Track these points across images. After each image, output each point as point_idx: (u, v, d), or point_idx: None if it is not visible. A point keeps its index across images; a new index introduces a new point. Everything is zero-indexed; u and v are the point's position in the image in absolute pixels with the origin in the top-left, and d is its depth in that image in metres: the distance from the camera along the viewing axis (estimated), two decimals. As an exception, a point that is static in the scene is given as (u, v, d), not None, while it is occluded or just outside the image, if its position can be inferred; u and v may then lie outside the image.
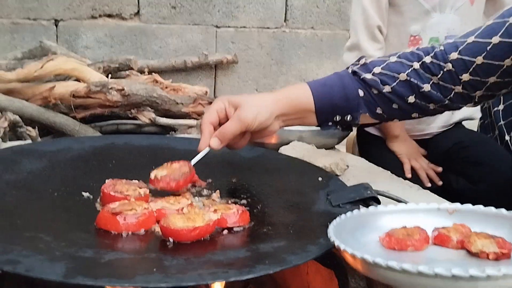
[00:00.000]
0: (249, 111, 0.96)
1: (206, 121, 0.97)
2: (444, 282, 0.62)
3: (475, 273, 0.60)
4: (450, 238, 0.78)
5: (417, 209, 0.85)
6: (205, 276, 0.62)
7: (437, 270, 0.61)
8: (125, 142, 1.23)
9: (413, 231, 0.80)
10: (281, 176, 1.07)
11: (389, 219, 0.83)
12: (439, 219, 0.83)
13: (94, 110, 1.86)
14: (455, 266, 0.66)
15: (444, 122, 1.74)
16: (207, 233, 0.76)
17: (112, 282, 0.59)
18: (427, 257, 0.76)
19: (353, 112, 1.04)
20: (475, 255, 0.74)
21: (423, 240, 0.78)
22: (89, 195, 0.93)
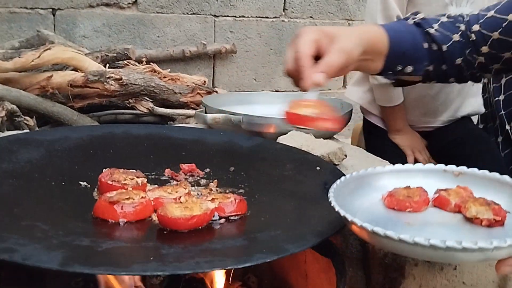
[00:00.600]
0: (350, 42, 0.87)
1: (306, 54, 0.83)
2: (423, 250, 0.64)
3: (451, 244, 0.62)
4: (449, 201, 0.80)
5: (423, 169, 0.87)
6: (202, 264, 0.62)
7: (417, 240, 0.62)
8: (123, 132, 1.22)
9: (414, 192, 0.81)
10: (279, 165, 1.07)
11: (394, 178, 0.86)
12: (444, 180, 0.85)
13: (92, 100, 1.85)
14: (448, 232, 0.71)
15: (450, 116, 1.74)
16: (204, 222, 0.76)
17: (109, 270, 0.59)
18: (422, 219, 0.78)
19: (417, 63, 1.01)
20: (470, 220, 0.76)
21: (422, 202, 0.80)
22: (87, 184, 0.93)
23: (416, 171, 0.87)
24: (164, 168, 1.03)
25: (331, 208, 0.84)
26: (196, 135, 1.23)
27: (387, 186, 0.84)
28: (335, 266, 0.77)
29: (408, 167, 0.88)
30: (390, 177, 0.86)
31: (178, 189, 0.87)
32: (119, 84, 1.80)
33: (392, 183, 0.85)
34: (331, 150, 1.17)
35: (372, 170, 0.85)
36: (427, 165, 0.88)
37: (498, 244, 0.62)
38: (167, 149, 1.15)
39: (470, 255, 0.63)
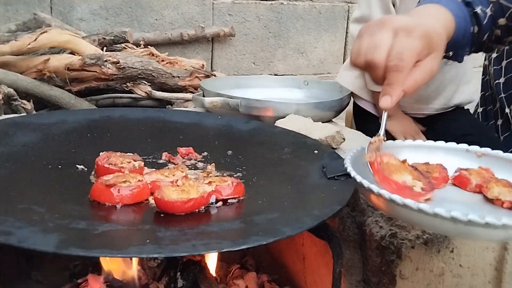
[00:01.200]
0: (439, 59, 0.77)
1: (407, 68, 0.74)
2: (442, 223, 0.61)
3: (474, 218, 0.59)
4: (469, 181, 0.78)
5: (445, 147, 0.86)
6: (198, 247, 0.62)
7: (437, 210, 0.60)
8: (120, 115, 1.22)
9: (434, 168, 0.80)
10: (276, 149, 1.07)
11: (413, 153, 0.84)
12: (465, 160, 0.84)
13: (90, 84, 1.84)
14: (467, 210, 0.67)
15: (443, 104, 1.73)
16: (201, 205, 0.76)
17: (105, 253, 0.59)
18: (440, 196, 0.76)
19: (461, 49, 0.96)
20: (491, 201, 0.74)
21: (441, 179, 0.78)
22: (84, 167, 0.92)
23: (437, 148, 0.86)
24: (162, 151, 1.03)
25: (329, 191, 0.84)
26: (194, 119, 1.22)
27: (409, 160, 0.81)
28: (332, 248, 0.77)
29: (429, 143, 0.86)
30: (410, 151, 0.84)
31: (175, 172, 0.87)
32: (117, 68, 1.79)
33: (412, 158, 0.82)
34: (329, 133, 1.17)
35: (391, 143, 0.83)
36: (449, 143, 0.86)
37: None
38: (164, 132, 1.15)
39: (491, 232, 0.60)
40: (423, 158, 0.83)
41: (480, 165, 0.82)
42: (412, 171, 0.75)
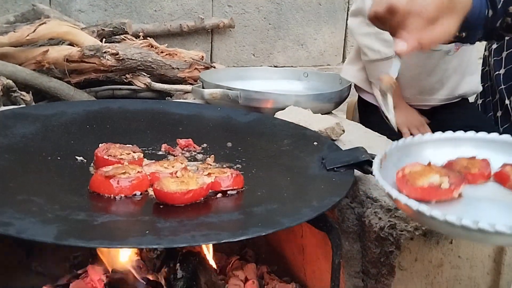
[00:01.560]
0: (456, 21, 0.80)
1: (426, 18, 0.76)
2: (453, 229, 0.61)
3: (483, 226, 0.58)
4: (509, 178, 0.76)
5: (497, 140, 0.83)
6: (197, 238, 0.62)
7: (448, 218, 0.59)
8: (119, 107, 1.22)
9: (476, 163, 0.77)
10: (276, 140, 1.07)
11: (469, 147, 0.82)
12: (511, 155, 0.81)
13: (89, 75, 1.84)
14: (494, 209, 0.66)
15: (448, 94, 1.72)
16: (200, 196, 0.76)
17: (104, 244, 0.59)
18: (475, 193, 0.74)
19: (473, 30, 0.94)
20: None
21: (479, 174, 0.76)
22: (83, 159, 0.92)
23: (489, 141, 0.83)
24: (161, 143, 1.03)
25: (328, 183, 0.84)
26: (193, 111, 1.22)
27: (443, 156, 0.80)
28: (331, 240, 0.77)
29: (481, 136, 0.83)
30: (465, 144, 0.82)
31: (175, 164, 0.87)
32: (116, 59, 1.78)
33: (464, 151, 0.80)
34: (329, 125, 1.16)
35: (442, 134, 0.81)
36: (502, 136, 0.83)
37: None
38: (164, 124, 1.15)
39: (504, 238, 0.60)
40: (471, 152, 0.81)
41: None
42: (439, 170, 0.73)
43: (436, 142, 0.83)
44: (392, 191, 0.66)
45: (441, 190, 0.69)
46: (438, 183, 0.70)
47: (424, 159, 0.79)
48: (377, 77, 1.68)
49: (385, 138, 1.29)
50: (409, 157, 0.78)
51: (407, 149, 0.80)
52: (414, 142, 0.81)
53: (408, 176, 0.71)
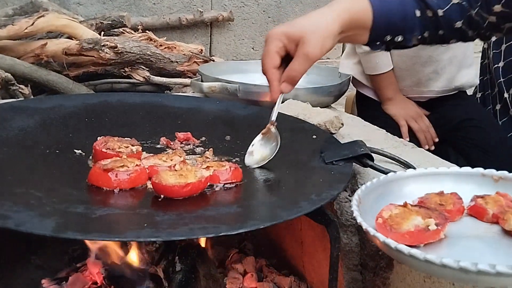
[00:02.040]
0: (315, 44, 0.87)
1: (269, 67, 0.88)
2: (453, 273, 0.59)
3: (483, 268, 0.56)
4: (486, 211, 0.74)
5: (458, 173, 0.81)
6: (196, 231, 0.62)
7: (445, 261, 0.57)
8: (118, 100, 1.22)
9: (448, 199, 0.75)
10: (275, 134, 1.06)
11: (425, 183, 0.80)
12: (482, 186, 0.79)
13: (87, 68, 1.83)
14: (481, 246, 0.64)
15: (444, 86, 1.72)
16: (199, 189, 0.76)
17: (102, 237, 0.59)
18: (456, 230, 0.72)
19: (407, 33, 0.98)
20: (509, 233, 0.70)
21: (455, 211, 0.74)
22: (81, 152, 0.92)
23: (451, 174, 0.81)
24: (160, 136, 1.03)
25: (326, 176, 0.84)
26: (192, 104, 1.22)
27: (416, 192, 0.78)
28: (329, 233, 0.77)
29: (442, 171, 0.82)
30: (420, 181, 0.80)
31: (173, 157, 0.87)
32: (114, 52, 1.78)
33: (424, 188, 0.79)
34: (327, 118, 1.16)
35: (401, 174, 0.80)
36: (463, 169, 0.81)
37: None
38: (162, 117, 1.15)
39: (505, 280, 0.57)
40: (436, 187, 0.79)
41: (497, 190, 0.77)
42: (418, 210, 0.70)
43: (401, 181, 0.81)
44: (390, 241, 0.63)
45: (429, 233, 0.67)
46: (424, 225, 0.68)
47: (408, 195, 0.77)
48: (372, 69, 1.68)
49: (383, 131, 1.29)
50: (385, 197, 0.77)
51: (381, 189, 0.78)
52: (382, 182, 0.79)
53: (390, 221, 0.69)
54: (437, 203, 0.74)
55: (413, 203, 0.75)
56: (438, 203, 0.74)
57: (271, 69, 0.88)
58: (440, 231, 0.68)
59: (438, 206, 0.74)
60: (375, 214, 0.71)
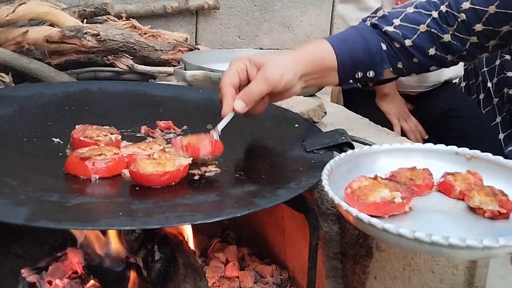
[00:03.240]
0: (275, 70, 0.89)
1: (226, 83, 0.89)
2: (408, 242, 0.61)
3: (419, 236, 0.58)
4: (453, 187, 0.75)
5: (433, 150, 0.83)
6: (171, 219, 0.62)
7: (401, 231, 0.59)
8: (99, 88, 1.20)
9: (418, 174, 0.77)
10: (257, 122, 1.06)
11: (403, 157, 0.82)
12: (454, 164, 0.81)
13: (70, 56, 1.81)
14: (445, 220, 0.66)
15: (435, 80, 1.72)
16: (177, 178, 0.76)
17: (75, 225, 0.59)
18: (423, 205, 0.73)
19: (377, 67, 1.00)
20: (473, 210, 0.72)
21: (424, 186, 0.76)
22: (60, 141, 0.91)
23: (425, 151, 0.83)
24: (140, 125, 1.02)
25: (307, 165, 0.84)
26: (175, 92, 1.21)
27: (390, 166, 0.80)
28: (308, 221, 0.77)
29: (416, 147, 0.84)
30: (395, 156, 0.82)
31: (153, 146, 0.86)
32: (97, 40, 1.75)
33: (397, 163, 0.80)
34: (310, 107, 1.16)
35: (376, 147, 0.81)
36: (437, 146, 0.83)
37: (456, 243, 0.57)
38: (144, 106, 1.13)
39: (461, 252, 0.59)
40: (410, 162, 0.80)
41: (469, 168, 0.79)
42: (387, 183, 0.72)
43: (375, 154, 0.82)
44: (352, 210, 0.64)
45: (394, 205, 0.69)
46: (391, 197, 0.69)
47: (383, 168, 0.79)
48: None
49: (367, 120, 1.30)
50: (356, 169, 0.78)
51: (354, 161, 0.80)
52: (358, 154, 0.80)
53: (358, 192, 0.70)
54: (408, 178, 0.76)
55: (385, 177, 0.76)
56: (408, 178, 0.76)
57: (228, 85, 0.89)
58: (405, 204, 0.69)
59: (408, 181, 0.75)
60: (346, 185, 0.72)
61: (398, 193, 0.70)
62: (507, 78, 1.64)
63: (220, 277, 1.12)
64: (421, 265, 0.96)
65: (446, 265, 0.99)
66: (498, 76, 1.66)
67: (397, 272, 0.94)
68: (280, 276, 1.12)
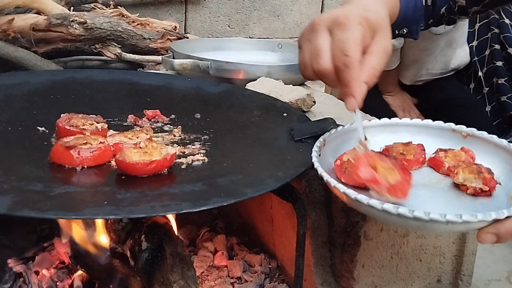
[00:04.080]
0: (388, 37, 0.73)
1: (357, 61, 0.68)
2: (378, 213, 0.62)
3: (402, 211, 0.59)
4: (442, 164, 0.77)
5: (431, 126, 0.84)
6: (157, 208, 0.61)
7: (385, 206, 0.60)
8: (86, 77, 1.19)
9: (411, 150, 0.78)
10: (246, 111, 1.06)
11: (400, 133, 0.83)
12: (450, 140, 0.82)
13: (56, 45, 1.78)
14: (428, 195, 0.68)
15: (442, 68, 1.73)
16: (164, 167, 0.75)
17: (59, 214, 0.58)
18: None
19: (413, 24, 0.93)
20: (458, 186, 0.74)
21: (414, 161, 0.77)
22: (45, 129, 0.90)
23: (423, 127, 0.84)
24: (127, 114, 1.00)
25: (295, 153, 0.83)
26: (163, 81, 1.20)
27: (386, 141, 0.81)
28: (296, 210, 0.77)
29: (414, 123, 0.84)
30: (391, 131, 0.83)
31: (140, 135, 0.85)
32: (84, 28, 1.73)
33: (393, 138, 0.81)
34: (299, 96, 1.15)
35: (374, 122, 0.82)
36: (435, 122, 0.84)
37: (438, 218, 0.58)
38: (131, 95, 1.12)
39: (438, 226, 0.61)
40: (406, 138, 0.81)
41: (464, 145, 0.80)
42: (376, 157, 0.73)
43: (374, 128, 0.83)
44: (330, 179, 0.65)
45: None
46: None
47: (381, 142, 0.80)
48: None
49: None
50: (348, 143, 0.78)
51: (346, 136, 0.80)
52: (353, 128, 0.80)
53: (347, 164, 0.71)
54: (399, 152, 0.77)
55: (382, 150, 0.78)
56: (400, 152, 0.77)
57: (359, 63, 0.68)
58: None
59: (399, 155, 0.76)
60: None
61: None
62: (496, 67, 1.64)
63: (209, 267, 1.11)
64: (409, 254, 0.97)
65: (433, 254, 0.99)
66: (488, 66, 1.67)
67: (385, 261, 0.94)
68: (268, 265, 1.12)
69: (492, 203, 0.70)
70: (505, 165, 0.76)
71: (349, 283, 0.93)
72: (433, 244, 0.98)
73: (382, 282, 0.95)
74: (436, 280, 1.02)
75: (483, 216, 0.59)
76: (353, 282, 0.93)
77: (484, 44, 1.67)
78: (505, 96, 1.63)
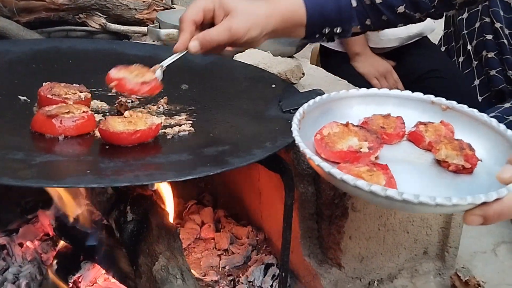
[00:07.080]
0: (242, 23, 0.84)
1: (188, 18, 0.85)
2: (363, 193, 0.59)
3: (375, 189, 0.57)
4: (423, 138, 0.75)
5: (410, 97, 0.82)
6: (141, 178, 0.60)
7: (358, 183, 0.58)
8: (69, 46, 1.16)
9: (391, 123, 0.76)
10: (234, 83, 1.04)
11: (378, 104, 0.81)
12: (429, 113, 0.80)
13: (39, 14, 1.72)
14: (409, 171, 0.66)
15: (403, 33, 1.69)
16: (149, 137, 0.73)
17: (40, 183, 0.56)
18: (391, 154, 0.73)
19: (345, 24, 0.97)
20: (439, 162, 0.72)
21: (395, 135, 0.75)
22: (27, 99, 0.87)
23: (401, 98, 0.81)
24: (112, 84, 0.98)
25: (283, 124, 0.82)
26: (148, 52, 1.17)
27: (364, 112, 0.78)
28: (284, 181, 0.76)
29: (392, 93, 0.82)
30: (370, 101, 0.80)
31: (146, 74, 0.84)
32: (68, -3, 1.68)
33: (372, 110, 0.79)
34: (288, 68, 1.14)
35: (352, 92, 0.80)
36: (414, 94, 0.81)
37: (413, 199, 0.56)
38: (116, 65, 1.09)
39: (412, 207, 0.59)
40: (385, 109, 0.79)
41: (443, 119, 0.78)
42: (357, 131, 0.72)
43: (352, 99, 0.81)
44: (313, 157, 0.62)
45: (360, 154, 0.68)
46: (358, 147, 0.69)
47: (343, 117, 0.77)
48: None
49: (345, 82, 1.28)
50: (328, 114, 0.76)
51: (325, 106, 0.78)
52: (333, 98, 0.78)
53: (327, 139, 0.70)
54: (379, 126, 0.75)
55: (358, 123, 0.76)
56: (380, 126, 0.75)
57: (189, 20, 0.85)
58: (371, 154, 0.69)
59: (379, 129, 0.75)
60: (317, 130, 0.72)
61: (366, 143, 0.70)
62: (486, 41, 1.63)
63: (196, 239, 1.11)
64: (396, 226, 0.97)
65: (420, 226, 1.00)
66: (477, 39, 1.66)
67: (372, 232, 0.95)
68: (256, 237, 1.12)
69: (473, 181, 0.69)
70: (484, 141, 0.74)
71: (336, 254, 0.94)
72: (420, 216, 0.98)
73: (369, 253, 0.96)
74: (423, 251, 1.03)
75: (472, 199, 0.57)
76: (340, 254, 0.93)
77: (474, 17, 1.65)
78: (494, 70, 1.62)
